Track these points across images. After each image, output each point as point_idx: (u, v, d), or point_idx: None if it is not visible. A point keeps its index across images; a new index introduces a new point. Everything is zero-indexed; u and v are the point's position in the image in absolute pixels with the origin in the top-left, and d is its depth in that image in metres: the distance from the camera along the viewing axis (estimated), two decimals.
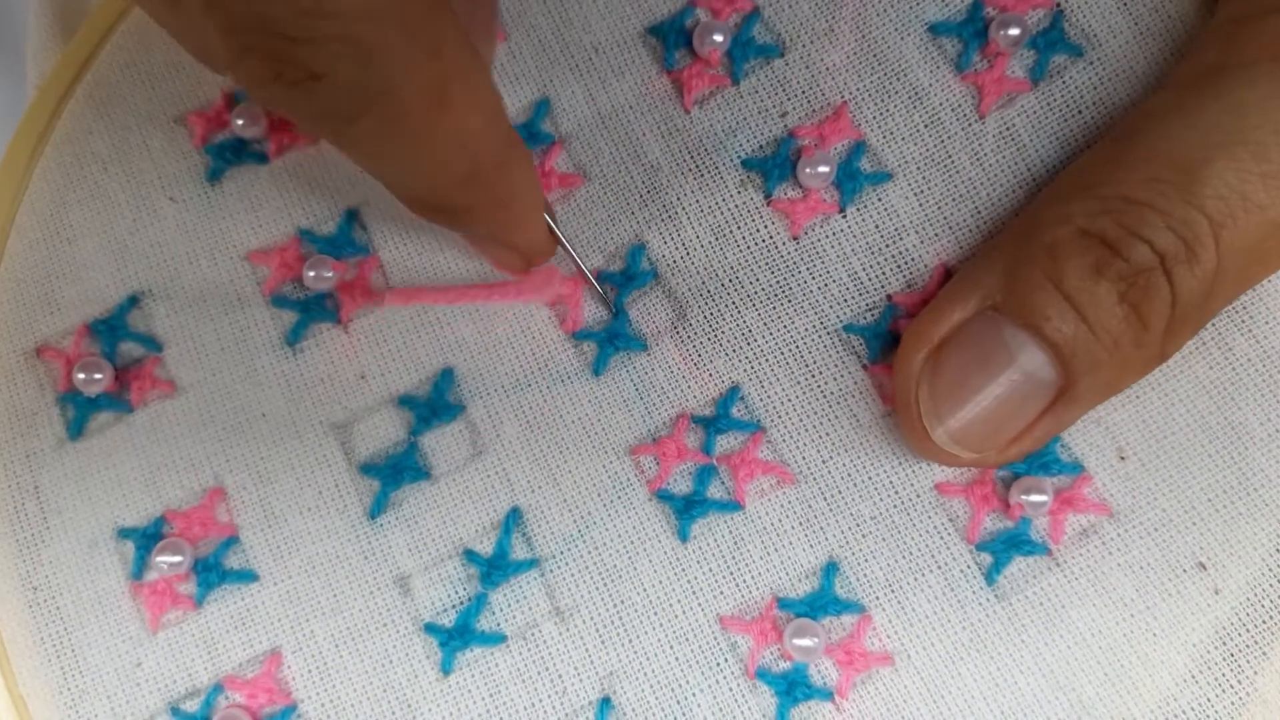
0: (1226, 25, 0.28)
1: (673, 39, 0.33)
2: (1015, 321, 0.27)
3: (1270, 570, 0.29)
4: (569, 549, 0.30)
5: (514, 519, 0.30)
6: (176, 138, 0.33)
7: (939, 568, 0.29)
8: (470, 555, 0.30)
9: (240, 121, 0.33)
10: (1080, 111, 0.31)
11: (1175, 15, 0.31)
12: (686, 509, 0.30)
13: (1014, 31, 0.31)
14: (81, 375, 0.31)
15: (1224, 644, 0.28)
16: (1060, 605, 0.29)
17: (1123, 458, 0.29)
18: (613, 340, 0.31)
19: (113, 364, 0.32)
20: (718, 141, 0.32)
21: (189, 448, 0.31)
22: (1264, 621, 0.28)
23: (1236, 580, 0.28)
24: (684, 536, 0.30)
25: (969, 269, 0.29)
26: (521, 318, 0.32)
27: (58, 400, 0.32)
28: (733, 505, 0.30)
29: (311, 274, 0.32)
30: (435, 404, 0.31)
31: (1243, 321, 0.30)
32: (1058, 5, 0.32)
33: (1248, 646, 0.28)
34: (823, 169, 0.31)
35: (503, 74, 0.33)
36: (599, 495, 0.30)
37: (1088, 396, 0.27)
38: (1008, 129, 0.31)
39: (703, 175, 0.32)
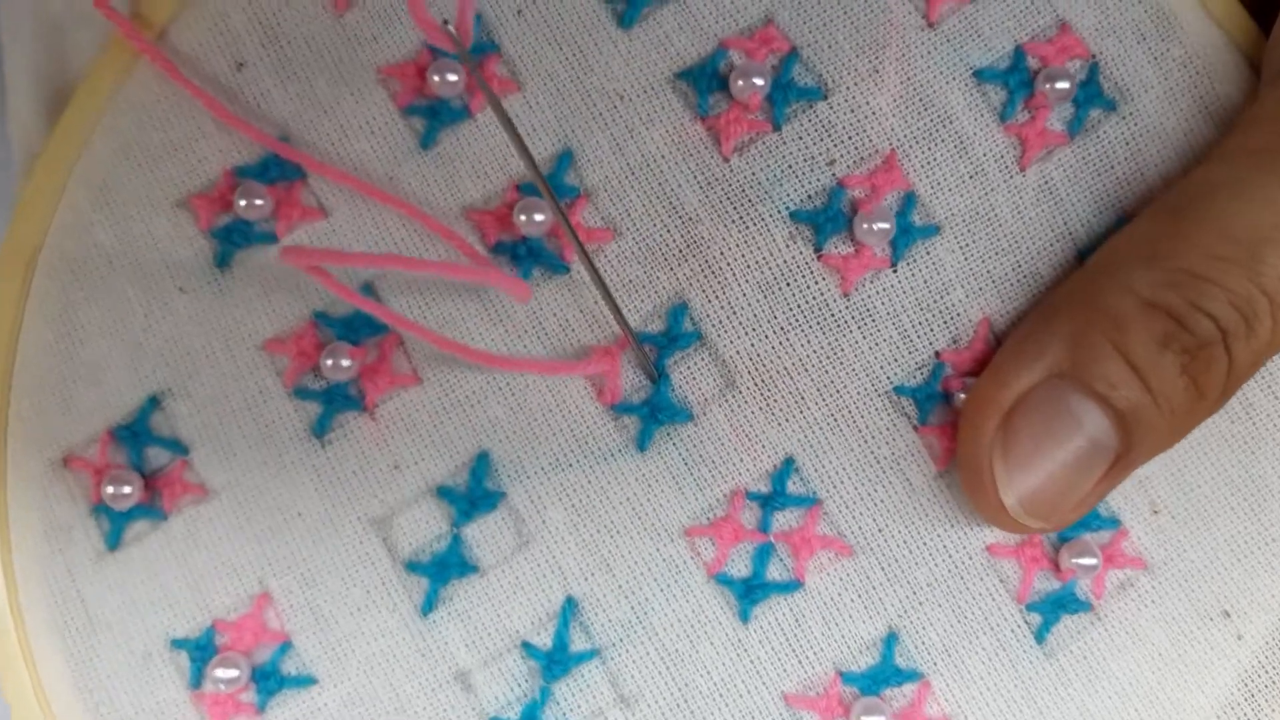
0: None
1: (705, 84, 0.30)
2: (1082, 389, 0.27)
3: None
4: (628, 636, 0.29)
5: (570, 609, 0.29)
6: (181, 223, 0.31)
7: (992, 629, 0.29)
8: (529, 648, 0.29)
9: (243, 202, 0.30)
10: (1113, 167, 0.30)
11: (1203, 72, 0.30)
12: (747, 593, 0.29)
13: (1063, 85, 0.30)
14: (110, 489, 0.30)
15: (1246, 686, 0.29)
16: (1102, 659, 0.29)
17: (1155, 511, 0.30)
18: (656, 414, 0.29)
19: (140, 472, 0.30)
20: (762, 191, 0.30)
21: (229, 552, 0.30)
22: None
23: (1258, 626, 0.29)
24: (745, 618, 0.29)
25: (1028, 334, 0.28)
26: (555, 391, 0.30)
27: (91, 511, 0.30)
28: (793, 584, 0.29)
29: (329, 363, 0.30)
30: (474, 494, 0.30)
31: (1263, 379, 0.30)
32: (1094, 58, 0.30)
33: (1267, 688, 0.29)
34: (882, 225, 0.29)
35: (520, 125, 0.30)
36: (655, 580, 0.29)
37: (1140, 460, 0.28)
38: (1046, 183, 0.30)
39: (747, 228, 0.30)
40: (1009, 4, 0.30)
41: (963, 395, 0.29)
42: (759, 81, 0.29)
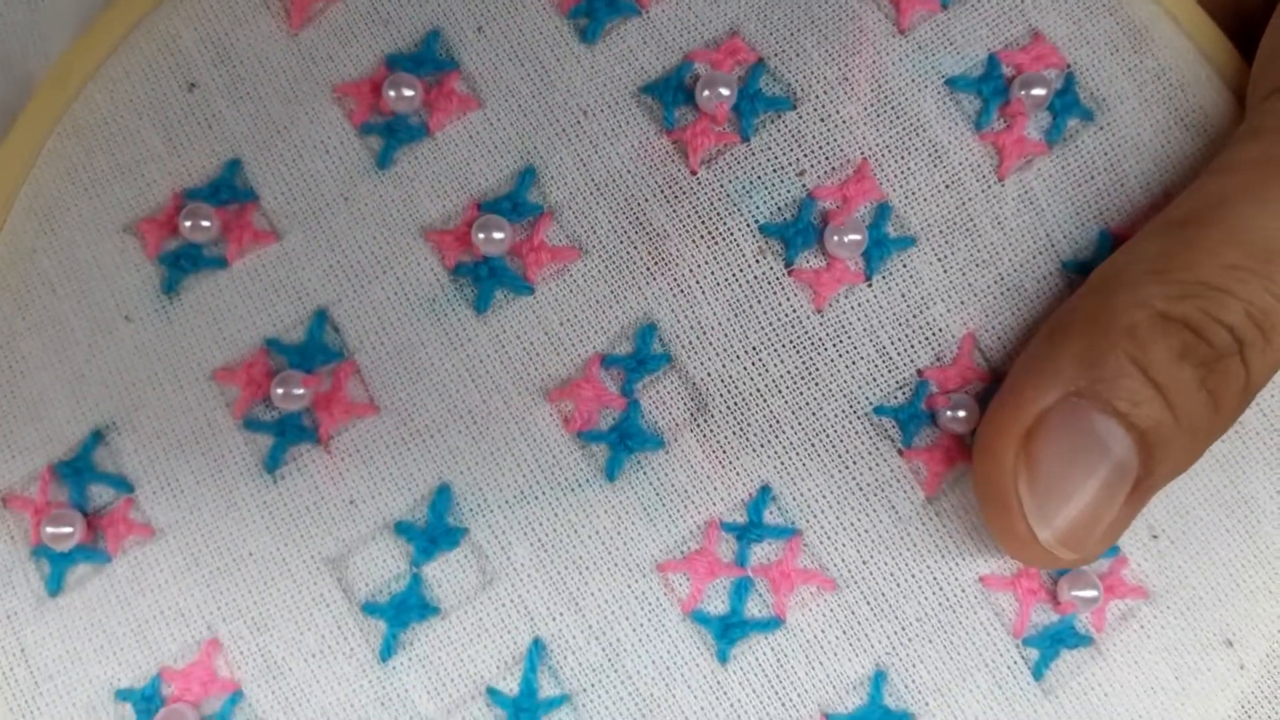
0: None
1: (671, 96, 0.27)
2: (1103, 408, 0.24)
3: None
4: (600, 680, 0.26)
5: (537, 652, 0.26)
6: (128, 249, 0.28)
7: (986, 667, 0.26)
8: (494, 695, 0.26)
9: (189, 223, 0.27)
10: (1093, 177, 0.27)
11: (1177, 84, 0.28)
12: (725, 631, 0.26)
13: (1038, 92, 0.27)
14: (50, 530, 0.26)
15: (1248, 717, 0.26)
16: (1104, 695, 0.26)
17: (1155, 536, 0.27)
18: (626, 442, 0.26)
19: (83, 511, 0.27)
20: (731, 204, 0.27)
21: (176, 596, 0.27)
22: None
23: (1257, 653, 0.26)
24: (723, 658, 0.26)
25: (1040, 354, 0.25)
26: (519, 418, 0.27)
27: (31, 554, 0.27)
28: (773, 622, 0.26)
29: (280, 392, 0.27)
30: (434, 530, 0.26)
31: None
32: (1069, 67, 0.27)
33: (1268, 716, 0.26)
34: (853, 237, 0.26)
35: (479, 144, 0.28)
36: (627, 619, 0.26)
37: (1161, 483, 0.25)
38: (1026, 192, 0.27)
39: (716, 243, 0.27)
40: (982, 12, 0.28)
41: (949, 414, 0.26)
42: (725, 91, 0.27)
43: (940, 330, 0.26)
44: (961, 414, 0.26)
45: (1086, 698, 0.26)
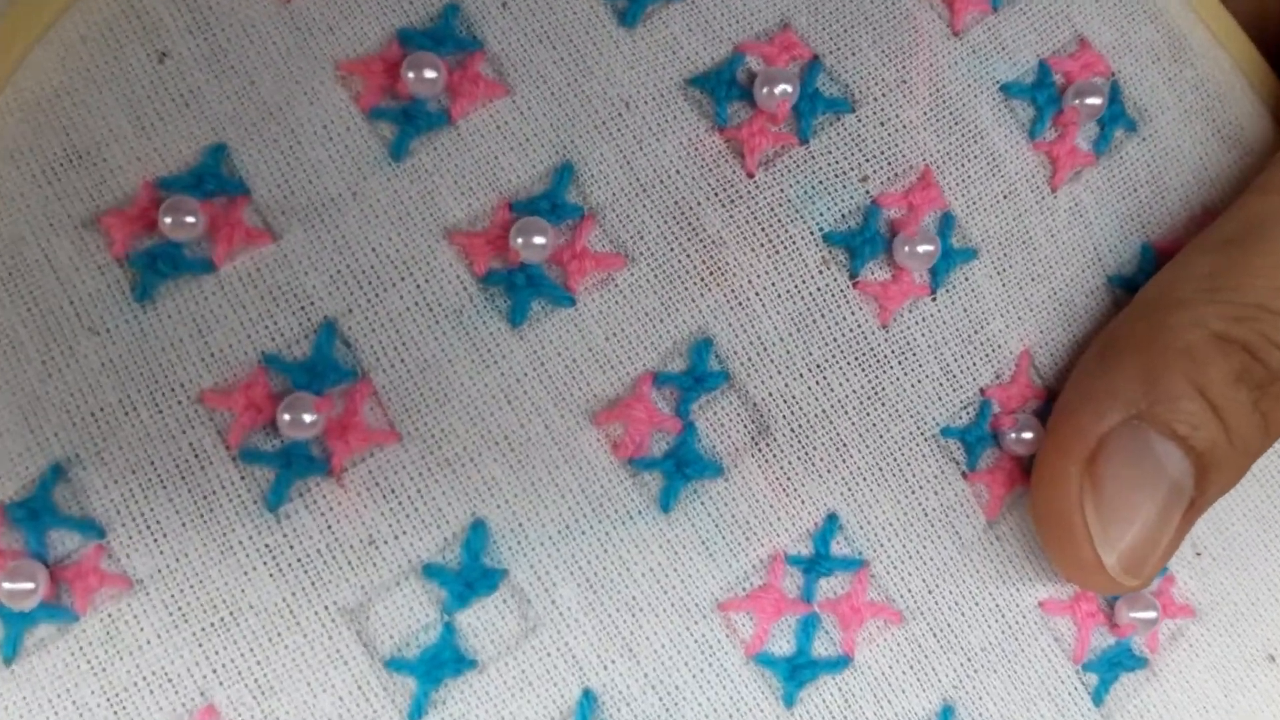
0: None
1: (723, 91, 0.25)
2: (1163, 430, 0.23)
3: None
4: None
5: (588, 706, 0.23)
6: (88, 248, 0.23)
7: (1049, 695, 0.25)
8: None
9: (169, 219, 0.23)
10: (1136, 190, 0.26)
11: (1215, 95, 0.27)
12: (793, 674, 0.24)
13: (1093, 101, 0.26)
14: (7, 586, 0.22)
15: None
16: (1158, 716, 0.25)
17: (1198, 554, 0.26)
18: (683, 469, 0.24)
19: (44, 561, 0.22)
20: (792, 211, 0.25)
21: (161, 658, 0.22)
22: None
23: None
24: (790, 702, 0.24)
25: (1094, 373, 0.24)
26: (563, 444, 0.24)
27: None
28: (842, 661, 0.24)
29: (287, 418, 0.23)
30: (469, 572, 0.23)
31: None
32: (1114, 75, 0.26)
33: None
34: (927, 248, 0.24)
35: (508, 136, 0.24)
36: (686, 665, 0.23)
37: (1211, 501, 0.24)
38: (1076, 204, 0.26)
39: (777, 252, 0.25)
40: (1029, 17, 0.26)
41: (1013, 435, 0.25)
42: (788, 89, 0.24)
43: (999, 347, 0.25)
44: (1028, 435, 0.24)
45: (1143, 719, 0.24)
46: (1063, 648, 0.25)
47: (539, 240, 0.23)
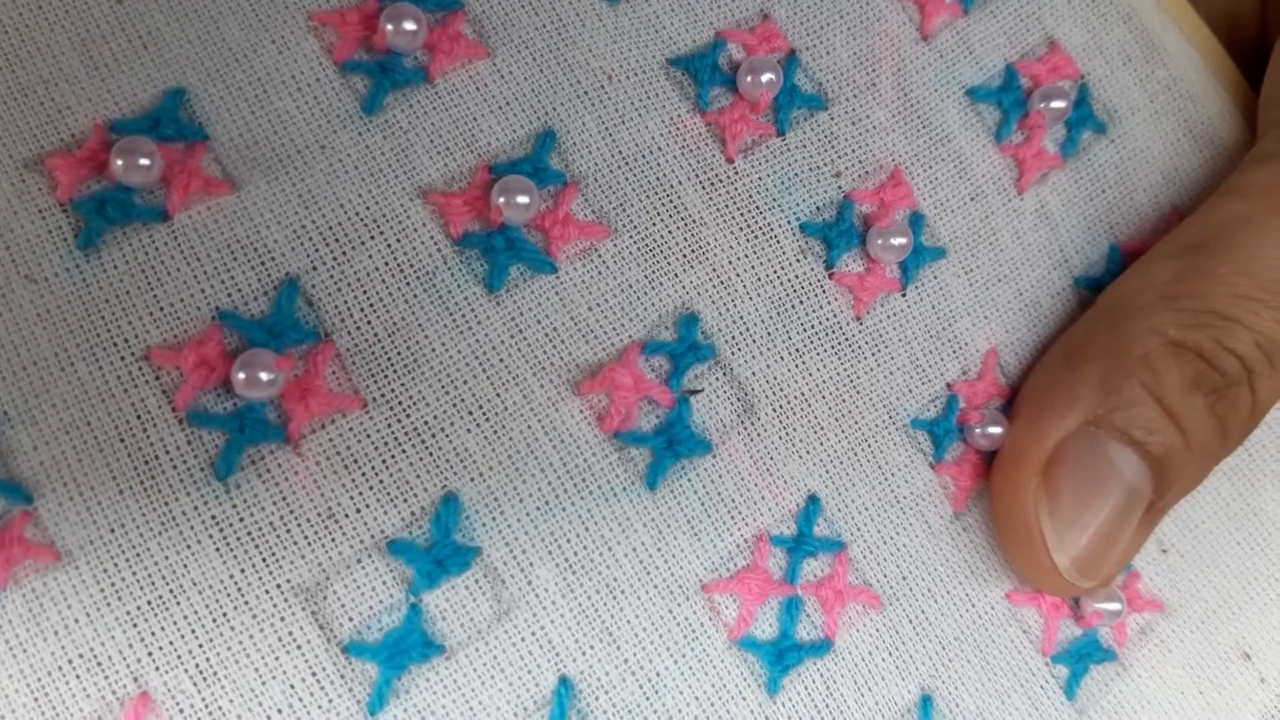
0: None
1: (706, 75, 0.24)
2: (1119, 436, 0.23)
3: None
4: None
5: (565, 695, 0.21)
6: (30, 190, 0.21)
7: (1022, 687, 0.24)
8: None
9: (121, 162, 0.21)
10: (1104, 191, 0.27)
11: (1187, 95, 0.28)
12: (778, 658, 0.22)
13: (1058, 105, 0.26)
14: None
15: None
16: (1133, 711, 0.25)
17: (1164, 550, 0.26)
18: (674, 446, 0.22)
19: None
20: (770, 199, 0.24)
21: (91, 639, 0.19)
22: None
23: (1276, 665, 0.26)
24: (773, 689, 0.22)
25: (1054, 380, 0.25)
26: (542, 415, 0.22)
27: None
28: (824, 645, 0.22)
29: (242, 376, 0.20)
30: (439, 550, 0.21)
31: None
32: (1083, 78, 0.27)
33: None
34: (899, 240, 0.24)
35: (488, 98, 0.23)
36: (668, 651, 0.22)
37: (1171, 504, 0.24)
38: (1043, 207, 0.26)
39: (756, 238, 0.24)
40: (1000, 20, 0.26)
41: (979, 431, 0.24)
42: (772, 78, 0.24)
43: (966, 344, 0.25)
44: (993, 431, 0.24)
45: (1118, 716, 0.25)
46: (1031, 639, 0.24)
47: (522, 199, 0.21)
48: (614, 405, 0.22)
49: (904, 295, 0.25)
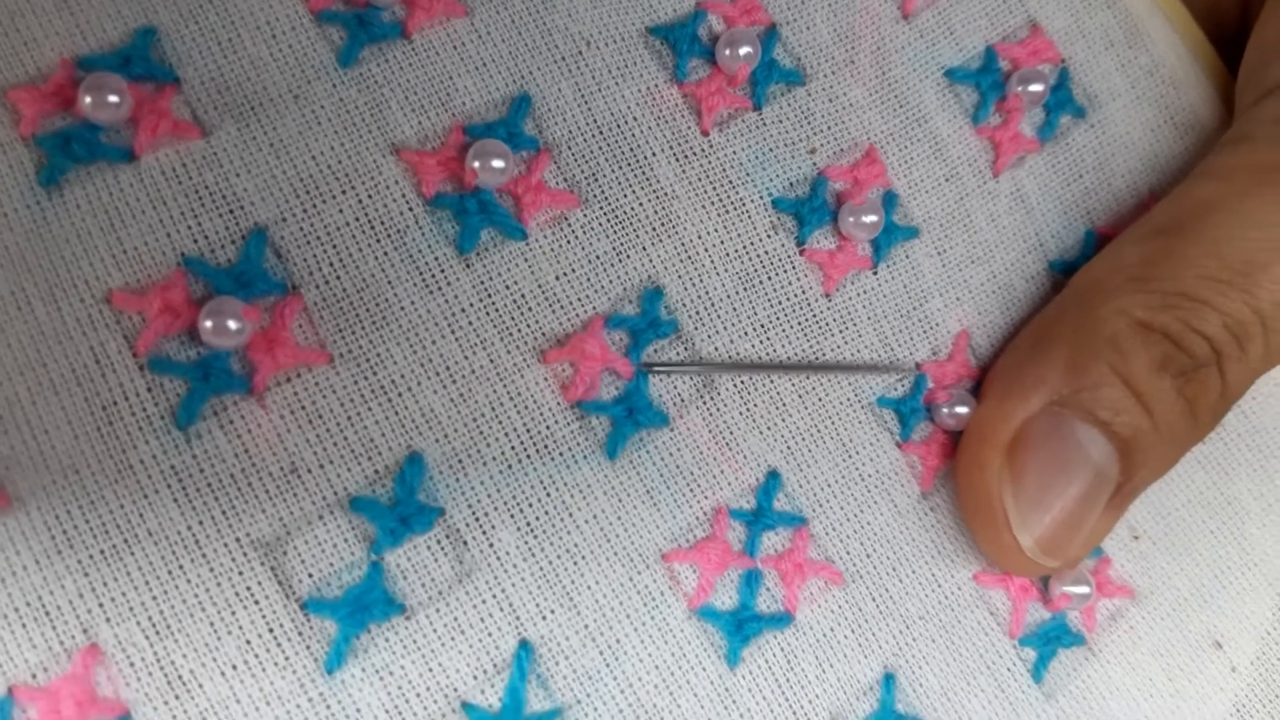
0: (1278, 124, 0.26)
1: (685, 46, 0.24)
2: (1085, 417, 0.23)
3: (1276, 642, 0.26)
4: (596, 689, 0.21)
5: (525, 658, 0.21)
6: None
7: (988, 669, 0.24)
8: (472, 712, 0.20)
9: (89, 98, 0.20)
10: (1081, 176, 0.27)
11: (1169, 80, 0.28)
12: (738, 629, 0.22)
13: (1036, 88, 0.26)
14: None
15: (1241, 716, 0.26)
16: (1102, 697, 0.25)
17: (1136, 537, 0.26)
18: (634, 416, 0.22)
19: None
20: (743, 173, 0.24)
21: (38, 588, 0.19)
22: (1275, 694, 0.26)
23: (1247, 655, 0.26)
24: (733, 661, 0.22)
25: (1021, 361, 0.25)
26: (508, 380, 0.22)
27: None
28: (784, 618, 0.22)
29: (209, 325, 0.20)
30: (402, 508, 0.21)
31: None
32: (1064, 62, 0.27)
33: (1261, 715, 0.26)
34: (871, 218, 0.24)
35: (465, 57, 0.23)
36: (628, 617, 0.22)
37: (1140, 489, 0.24)
38: (1018, 190, 0.27)
39: (727, 212, 0.24)
40: (983, 1, 0.27)
41: (947, 410, 0.24)
42: (750, 51, 0.24)
43: (938, 325, 0.25)
44: (961, 410, 0.24)
45: (1086, 700, 0.25)
46: (998, 621, 0.24)
47: (498, 164, 0.21)
48: (578, 375, 0.22)
49: (875, 273, 0.25)
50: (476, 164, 0.22)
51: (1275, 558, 0.27)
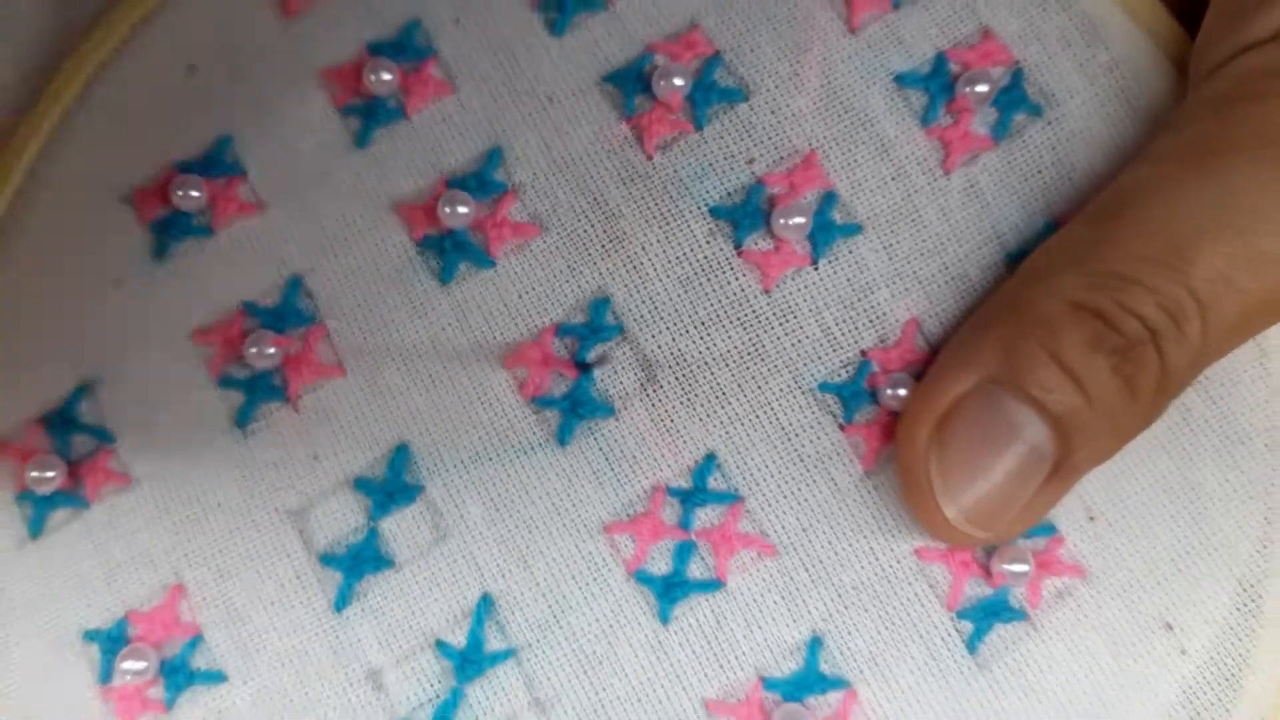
0: (1216, 104, 0.25)
1: (631, 85, 0.28)
2: (1016, 394, 0.24)
3: (1231, 629, 0.25)
4: (545, 636, 0.25)
5: (486, 607, 0.26)
6: (121, 216, 0.28)
7: (921, 638, 0.25)
8: (442, 647, 0.26)
9: (179, 194, 0.28)
10: (1040, 171, 0.27)
11: (1131, 75, 0.27)
12: (667, 591, 0.25)
13: (982, 89, 0.27)
14: (34, 473, 0.27)
15: (1190, 703, 0.25)
16: (1039, 671, 0.25)
17: (1092, 518, 0.26)
18: (577, 409, 0.26)
19: (66, 459, 0.27)
20: (682, 188, 0.27)
21: (147, 542, 0.27)
22: (1226, 680, 0.25)
23: (1200, 639, 0.25)
24: (665, 619, 0.25)
25: (960, 342, 0.26)
26: (477, 383, 0.27)
27: (16, 499, 0.27)
28: (714, 584, 0.25)
29: (252, 350, 0.27)
30: (392, 486, 0.26)
31: (1201, 384, 0.26)
32: (1017, 63, 0.27)
33: (1212, 705, 0.25)
34: (798, 220, 0.26)
35: (451, 126, 0.28)
36: (574, 578, 0.26)
37: (1082, 467, 0.25)
38: (972, 186, 0.27)
39: (668, 224, 0.27)
40: (932, 11, 0.28)
41: (889, 392, 0.26)
42: (679, 81, 0.27)
43: (884, 314, 0.26)
44: (901, 392, 0.26)
45: (1021, 672, 0.25)
46: (937, 594, 0.25)
47: (462, 209, 0.26)
48: (531, 376, 0.27)
49: (816, 269, 0.27)
50: (446, 211, 0.27)
51: (1239, 545, 0.25)
